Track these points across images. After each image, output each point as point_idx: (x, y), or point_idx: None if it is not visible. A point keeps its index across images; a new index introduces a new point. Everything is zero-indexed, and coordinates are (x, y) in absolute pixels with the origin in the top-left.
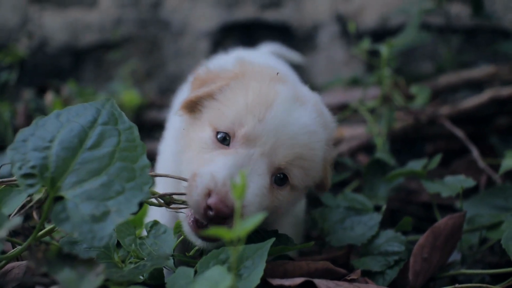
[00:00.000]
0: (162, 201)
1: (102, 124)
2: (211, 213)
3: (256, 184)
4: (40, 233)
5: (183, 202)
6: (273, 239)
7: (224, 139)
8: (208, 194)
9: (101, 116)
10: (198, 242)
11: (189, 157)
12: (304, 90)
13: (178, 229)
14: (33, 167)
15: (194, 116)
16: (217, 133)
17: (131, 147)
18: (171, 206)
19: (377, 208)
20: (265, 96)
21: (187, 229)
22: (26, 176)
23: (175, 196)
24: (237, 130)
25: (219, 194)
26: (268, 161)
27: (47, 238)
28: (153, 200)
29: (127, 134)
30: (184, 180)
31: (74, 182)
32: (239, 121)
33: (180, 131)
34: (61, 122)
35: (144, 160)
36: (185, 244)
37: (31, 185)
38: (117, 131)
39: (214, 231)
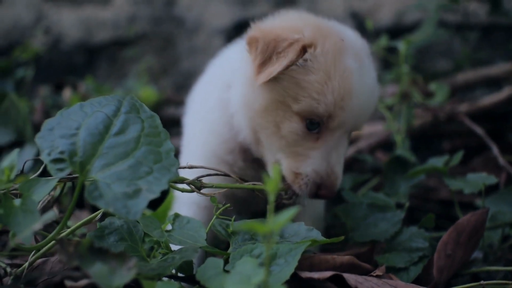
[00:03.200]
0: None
1: (125, 113)
2: (319, 197)
3: (342, 157)
4: (75, 226)
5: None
6: (308, 242)
7: (313, 126)
8: (318, 186)
9: (123, 106)
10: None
11: (276, 144)
12: (353, 39)
13: None
14: (61, 152)
15: (272, 93)
16: (306, 120)
17: (155, 133)
18: (201, 191)
19: (399, 206)
20: (345, 81)
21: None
22: (56, 161)
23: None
24: (326, 121)
25: (328, 187)
26: (348, 133)
27: (69, 236)
28: (184, 186)
29: (149, 121)
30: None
31: (103, 165)
32: (328, 113)
33: (255, 107)
34: (85, 112)
35: (169, 144)
36: (214, 237)
37: (61, 169)
38: (140, 119)
39: (249, 225)
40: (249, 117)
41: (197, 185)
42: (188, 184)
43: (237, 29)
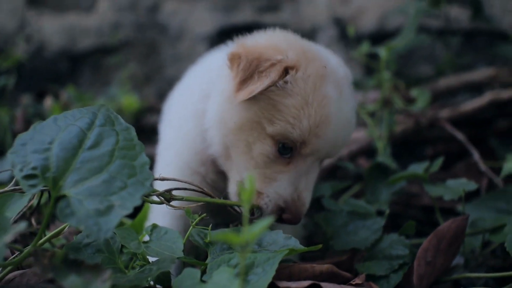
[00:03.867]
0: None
1: (99, 126)
2: (284, 221)
3: (312, 184)
4: (45, 238)
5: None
6: (286, 250)
7: (285, 151)
8: (281, 209)
9: (98, 119)
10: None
11: (245, 164)
12: (335, 66)
13: None
14: (34, 168)
15: (248, 112)
16: (279, 144)
17: (129, 146)
18: (171, 203)
19: (380, 213)
20: (322, 109)
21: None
22: (28, 177)
23: (175, 192)
24: (299, 147)
25: (291, 212)
26: (321, 161)
27: (47, 245)
28: (155, 198)
29: (124, 134)
30: (196, 187)
31: (76, 180)
32: (302, 139)
33: (230, 124)
34: (59, 126)
35: (144, 157)
36: (191, 247)
37: (33, 186)
38: (115, 131)
39: (224, 236)
40: (223, 133)
41: (167, 198)
42: (158, 196)
43: (221, 36)
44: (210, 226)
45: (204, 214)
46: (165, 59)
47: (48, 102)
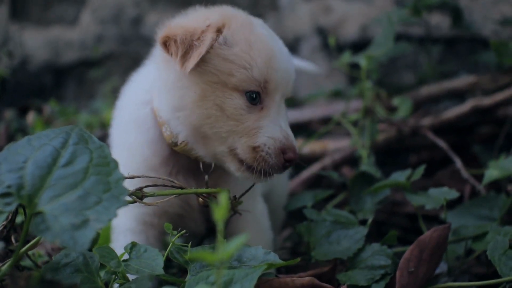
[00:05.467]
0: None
1: (73, 144)
2: (288, 164)
3: (287, 121)
4: (23, 249)
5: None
6: (264, 266)
7: (254, 100)
8: (282, 152)
9: (71, 138)
10: (256, 181)
11: (225, 127)
12: (251, 16)
13: None
14: (9, 186)
15: (204, 76)
16: (246, 94)
17: (104, 163)
18: (143, 200)
19: (363, 222)
20: (265, 45)
21: (246, 174)
22: (3, 195)
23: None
24: (263, 87)
25: (291, 148)
26: (284, 96)
27: (31, 265)
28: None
29: (98, 152)
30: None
31: (51, 197)
32: (263, 77)
33: (190, 100)
34: (33, 146)
35: (118, 173)
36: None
37: (8, 204)
38: (89, 149)
39: (199, 254)
40: (186, 115)
41: (138, 196)
42: (130, 195)
43: None
44: (190, 243)
45: (184, 231)
46: None
47: (31, 117)
